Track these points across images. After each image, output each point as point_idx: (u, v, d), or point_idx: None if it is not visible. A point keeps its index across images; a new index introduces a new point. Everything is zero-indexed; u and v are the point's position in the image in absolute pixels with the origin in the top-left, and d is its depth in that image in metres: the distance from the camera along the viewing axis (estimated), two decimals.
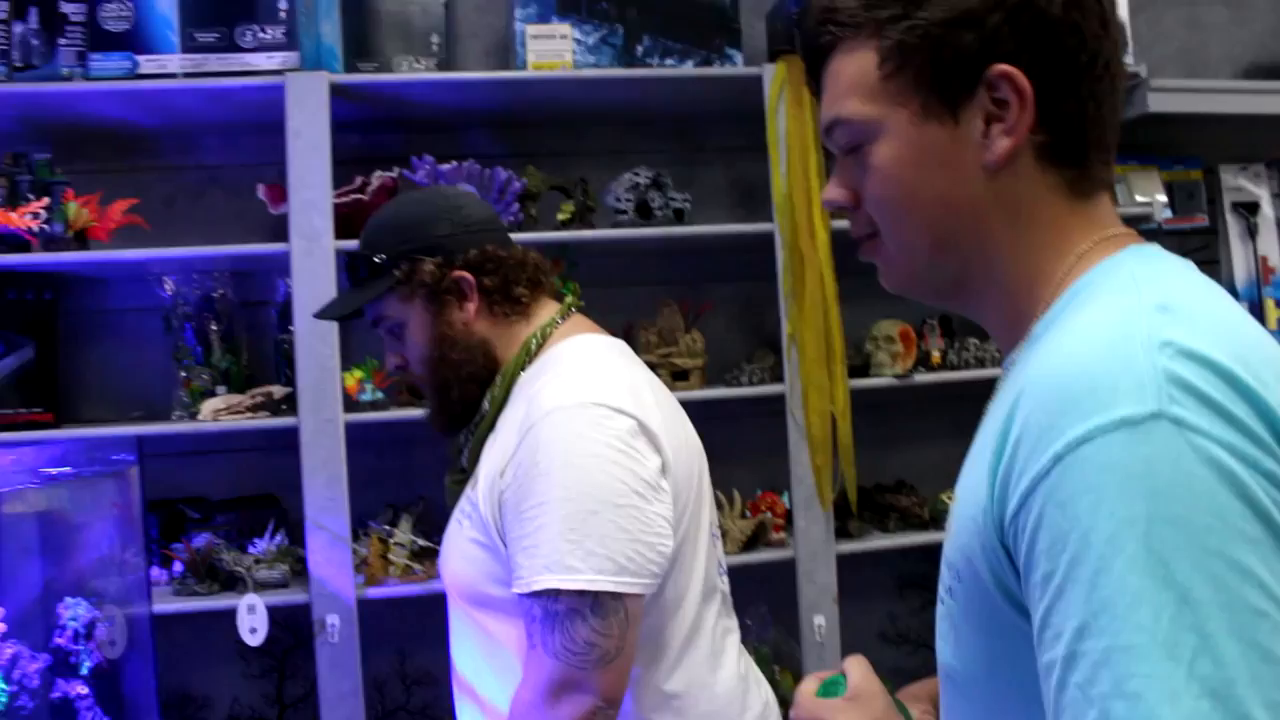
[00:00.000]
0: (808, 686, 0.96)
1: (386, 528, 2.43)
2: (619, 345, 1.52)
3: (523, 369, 1.46)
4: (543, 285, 1.53)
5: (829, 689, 0.95)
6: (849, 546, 2.58)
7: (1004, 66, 0.79)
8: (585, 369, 1.41)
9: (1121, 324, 0.70)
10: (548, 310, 1.52)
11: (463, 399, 1.49)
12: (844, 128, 0.86)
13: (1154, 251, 0.82)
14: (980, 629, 0.76)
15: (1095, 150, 0.82)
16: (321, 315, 1.64)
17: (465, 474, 1.48)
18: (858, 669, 0.96)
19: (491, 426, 1.45)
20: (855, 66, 0.84)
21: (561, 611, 1.27)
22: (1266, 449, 0.65)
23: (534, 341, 1.48)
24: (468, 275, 1.46)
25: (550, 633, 1.28)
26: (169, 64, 2.33)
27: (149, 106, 2.40)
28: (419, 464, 2.62)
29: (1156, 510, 0.63)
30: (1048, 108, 0.80)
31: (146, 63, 2.32)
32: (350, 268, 1.53)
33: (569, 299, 1.56)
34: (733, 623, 1.53)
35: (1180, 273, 0.79)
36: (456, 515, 1.47)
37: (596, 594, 1.27)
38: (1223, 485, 0.63)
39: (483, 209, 1.54)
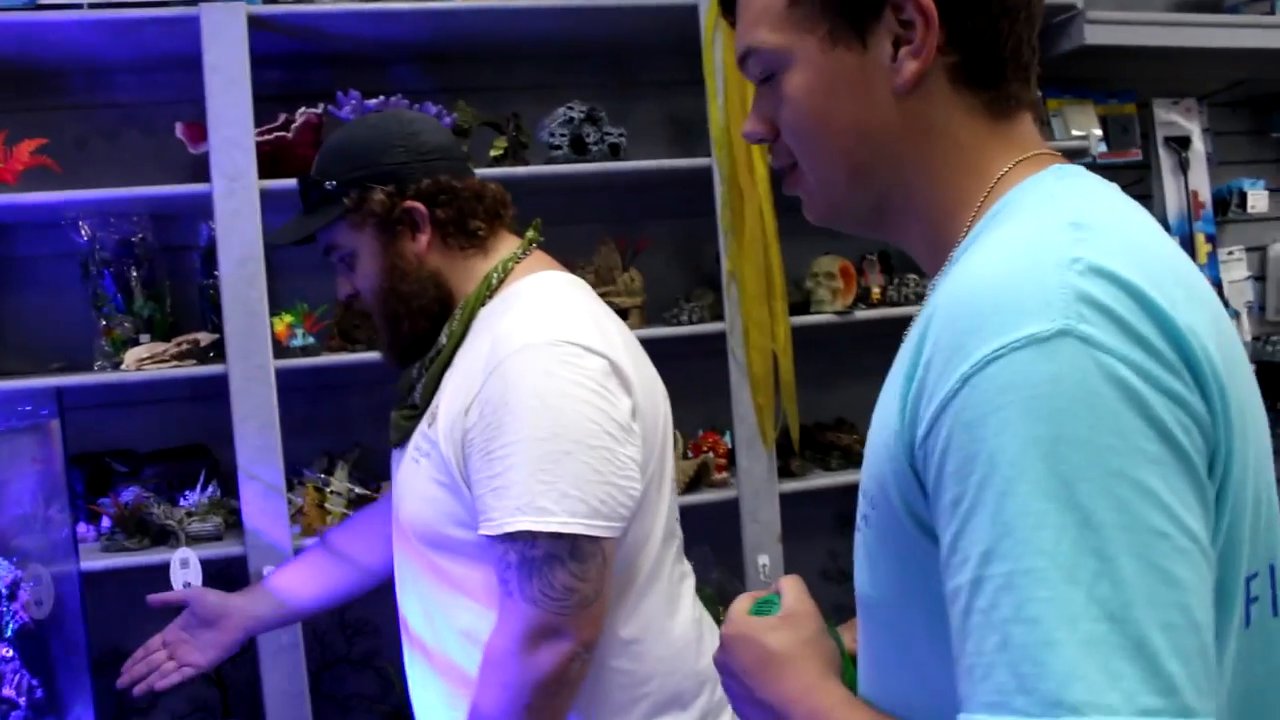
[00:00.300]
0: (741, 604, 0.95)
1: (322, 476, 2.38)
2: (581, 283, 1.48)
3: (483, 304, 1.42)
4: (502, 218, 1.49)
5: (762, 607, 0.94)
6: (791, 485, 2.58)
7: None
8: (552, 306, 1.37)
9: (1033, 241, 0.69)
10: (507, 245, 1.48)
11: (412, 332, 1.45)
12: (755, 57, 0.84)
13: (1074, 170, 0.80)
14: (893, 556, 0.76)
15: (1011, 69, 0.80)
16: (272, 240, 1.62)
17: (416, 409, 1.44)
18: (793, 590, 0.95)
19: (448, 362, 1.41)
20: None
21: (539, 557, 1.24)
22: (1171, 368, 0.64)
23: (494, 276, 1.43)
24: (420, 206, 1.42)
25: (527, 579, 1.25)
26: None
27: (52, 42, 2.27)
28: (354, 410, 2.56)
29: (1060, 431, 0.62)
30: (956, 27, 0.77)
31: None
32: (303, 193, 1.48)
33: (530, 234, 1.52)
34: (687, 568, 1.52)
35: (1099, 191, 0.77)
36: (412, 454, 1.42)
37: (575, 537, 1.24)
38: (1126, 404, 0.62)
39: (441, 135, 1.49)
